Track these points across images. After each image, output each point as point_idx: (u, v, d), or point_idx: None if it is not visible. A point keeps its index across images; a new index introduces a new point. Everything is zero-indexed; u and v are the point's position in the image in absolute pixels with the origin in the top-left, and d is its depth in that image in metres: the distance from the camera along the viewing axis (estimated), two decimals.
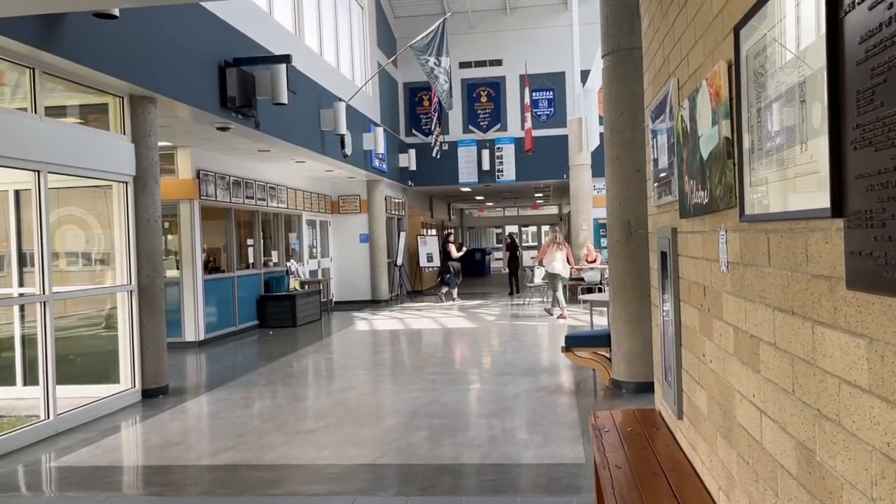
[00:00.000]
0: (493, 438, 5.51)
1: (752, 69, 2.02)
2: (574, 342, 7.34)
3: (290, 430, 6.01)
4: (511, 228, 38.43)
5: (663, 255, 3.71)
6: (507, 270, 20.50)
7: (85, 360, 8.35)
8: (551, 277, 13.65)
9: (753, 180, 2.06)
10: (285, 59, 9.46)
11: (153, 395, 7.48)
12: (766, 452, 2.12)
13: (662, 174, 3.64)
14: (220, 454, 5.38)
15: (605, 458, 3.38)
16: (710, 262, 2.73)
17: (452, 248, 17.90)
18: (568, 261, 13.64)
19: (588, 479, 4.51)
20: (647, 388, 6.83)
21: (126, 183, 7.37)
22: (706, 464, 2.92)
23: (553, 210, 35.87)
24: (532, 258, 22.76)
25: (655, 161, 3.89)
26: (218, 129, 9.41)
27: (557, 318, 13.45)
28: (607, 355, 7.30)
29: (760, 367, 2.14)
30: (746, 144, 2.12)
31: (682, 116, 3.06)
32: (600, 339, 7.29)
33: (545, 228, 37.91)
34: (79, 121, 7.45)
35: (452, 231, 21.48)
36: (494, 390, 7.31)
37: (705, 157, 2.62)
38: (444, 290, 18.11)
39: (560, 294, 13.52)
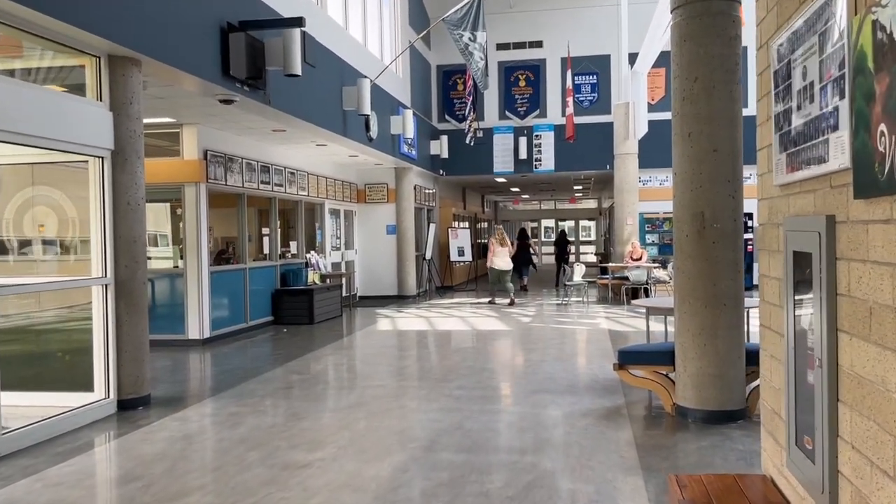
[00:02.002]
0: (530, 487, 4.29)
1: None
2: (629, 358, 6.07)
3: (278, 462, 4.86)
4: (547, 222, 37.12)
5: (799, 257, 2.46)
6: (556, 264, 21.59)
7: (60, 363, 7.32)
8: (491, 271, 15.45)
9: None
10: (297, 22, 8.29)
11: (131, 406, 6.40)
12: None
13: (805, 133, 2.38)
14: (183, 497, 4.24)
15: None
16: None
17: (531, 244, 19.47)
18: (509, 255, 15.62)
19: None
20: (719, 417, 5.56)
21: (102, 158, 6.28)
22: None
23: (592, 204, 34.40)
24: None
25: (783, 117, 2.62)
26: (221, 101, 8.30)
27: (489, 302, 15.52)
28: (669, 375, 6.03)
29: None
30: None
31: (872, 24, 1.80)
32: (661, 356, 6.01)
33: (584, 223, 36.43)
34: (62, 88, 6.39)
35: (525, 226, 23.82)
36: (530, 414, 6.08)
37: None
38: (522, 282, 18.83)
39: (500, 286, 15.30)
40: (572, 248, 29.15)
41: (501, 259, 15.28)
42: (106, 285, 6.30)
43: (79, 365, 6.93)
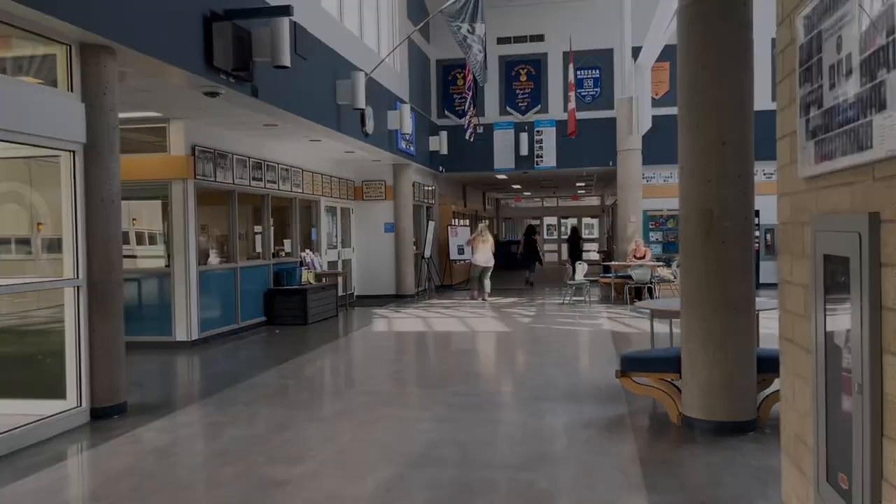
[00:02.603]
0: None
1: None
2: (633, 365, 5.71)
3: (254, 479, 4.51)
4: (549, 220, 36.74)
5: (831, 261, 2.10)
6: (568, 259, 22.83)
7: (33, 368, 6.97)
8: (473, 267, 15.83)
9: None
10: (285, 10, 7.93)
11: (106, 414, 6.05)
12: None
13: (839, 115, 2.02)
14: None
15: None
16: None
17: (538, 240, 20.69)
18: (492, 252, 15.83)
19: None
20: (729, 429, 5.21)
21: (73, 152, 5.93)
22: None
23: (595, 201, 34.01)
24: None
25: (811, 98, 2.26)
26: (206, 94, 7.93)
27: (484, 300, 15.48)
28: (675, 383, 5.67)
29: None
30: None
31: None
32: (666, 363, 5.65)
33: (587, 220, 36.06)
34: (32, 79, 6.04)
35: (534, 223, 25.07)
36: (527, 424, 5.73)
37: None
38: (527, 275, 19.63)
39: (486, 281, 15.69)
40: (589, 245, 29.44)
41: (482, 256, 15.59)
42: (78, 287, 5.95)
43: (52, 370, 6.59)
